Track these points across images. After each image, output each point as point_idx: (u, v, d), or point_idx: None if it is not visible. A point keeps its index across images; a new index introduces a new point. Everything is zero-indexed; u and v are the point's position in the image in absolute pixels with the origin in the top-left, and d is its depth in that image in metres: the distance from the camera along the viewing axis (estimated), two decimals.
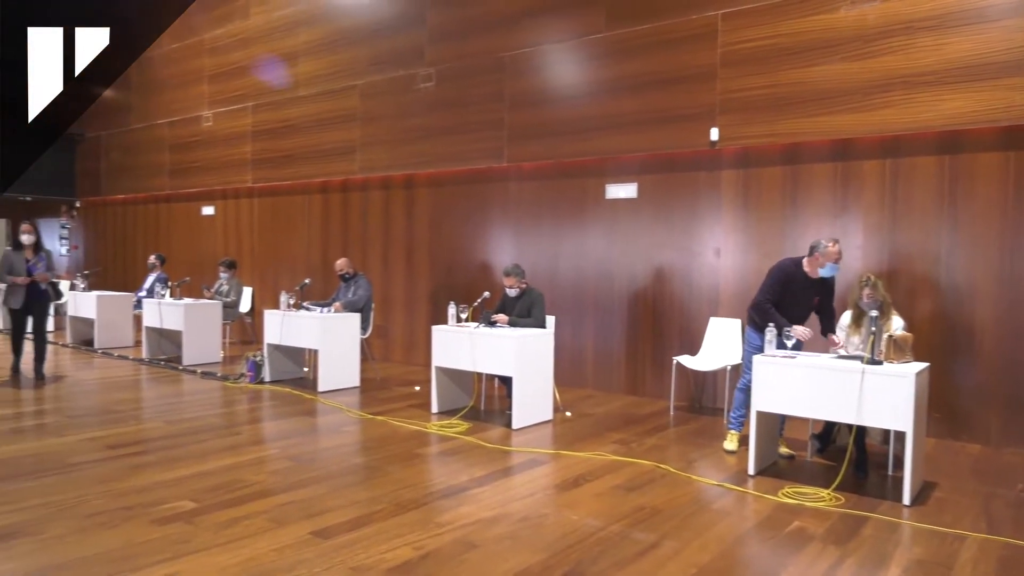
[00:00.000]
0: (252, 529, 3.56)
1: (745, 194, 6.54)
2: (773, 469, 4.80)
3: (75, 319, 10.28)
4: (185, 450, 5.01)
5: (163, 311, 8.75)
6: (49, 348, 8.16)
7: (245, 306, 10.16)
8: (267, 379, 7.48)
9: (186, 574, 3.07)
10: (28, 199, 14.78)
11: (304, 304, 7.46)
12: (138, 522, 3.62)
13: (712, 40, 6.60)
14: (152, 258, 10.39)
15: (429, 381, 6.38)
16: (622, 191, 7.23)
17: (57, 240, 14.74)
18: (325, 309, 7.37)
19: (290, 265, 10.25)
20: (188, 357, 8.50)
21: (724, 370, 6.21)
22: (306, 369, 7.93)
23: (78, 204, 14.24)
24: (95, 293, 10.05)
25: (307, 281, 8.00)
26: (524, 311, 6.20)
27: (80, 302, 10.14)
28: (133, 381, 7.76)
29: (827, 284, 5.06)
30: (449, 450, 5.19)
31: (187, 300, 8.82)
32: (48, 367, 7.74)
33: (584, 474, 4.61)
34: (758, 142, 6.39)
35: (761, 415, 4.61)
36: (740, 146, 6.50)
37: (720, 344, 6.51)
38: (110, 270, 13.07)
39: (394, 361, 9.02)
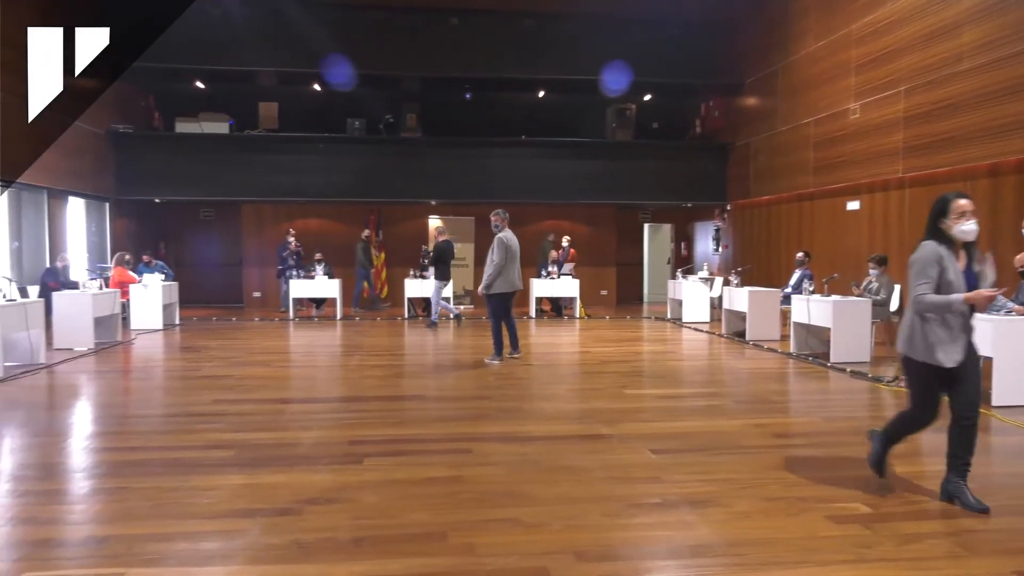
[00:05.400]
0: (937, 551, 3.25)
1: None
2: None
3: (729, 312, 11.32)
4: (848, 448, 4.91)
5: (811, 307, 8.89)
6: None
7: (894, 304, 9.57)
8: None
9: None
10: (688, 205, 16.96)
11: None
12: (814, 515, 3.67)
13: None
14: (800, 255, 10.73)
15: None
16: None
17: (710, 240, 16.51)
18: (1005, 310, 6.33)
19: None
20: (836, 354, 8.42)
21: None
22: None
23: (728, 207, 15.63)
24: (747, 289, 10.85)
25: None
26: None
27: (734, 297, 11.10)
28: (781, 374, 8.08)
29: None
30: None
31: (835, 297, 8.75)
32: (697, 351, 8.60)
33: None
34: None
35: None
36: None
37: None
38: (758, 267, 13.94)
39: None
